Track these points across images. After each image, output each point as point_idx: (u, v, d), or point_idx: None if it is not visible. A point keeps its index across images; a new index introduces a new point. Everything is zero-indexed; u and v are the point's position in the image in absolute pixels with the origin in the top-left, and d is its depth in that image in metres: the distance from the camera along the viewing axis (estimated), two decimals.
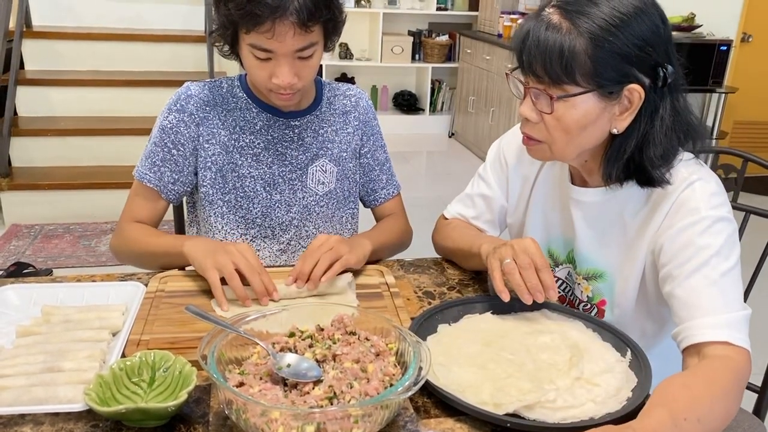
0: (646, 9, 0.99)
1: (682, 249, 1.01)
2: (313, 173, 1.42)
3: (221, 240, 1.41)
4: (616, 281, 1.16)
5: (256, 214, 1.40)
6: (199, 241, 1.26)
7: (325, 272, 1.17)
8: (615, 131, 1.04)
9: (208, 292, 1.17)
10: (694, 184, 1.04)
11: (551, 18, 0.99)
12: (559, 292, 1.27)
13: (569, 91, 1.00)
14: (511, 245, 1.08)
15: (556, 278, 1.26)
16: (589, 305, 1.22)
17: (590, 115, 1.01)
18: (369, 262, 1.31)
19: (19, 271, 2.95)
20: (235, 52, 1.28)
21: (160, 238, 1.33)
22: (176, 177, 1.37)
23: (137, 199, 1.39)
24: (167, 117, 1.36)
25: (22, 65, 3.95)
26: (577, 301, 1.24)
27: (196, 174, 1.40)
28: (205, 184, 1.38)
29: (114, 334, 1.04)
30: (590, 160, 1.12)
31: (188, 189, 1.42)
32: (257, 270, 1.15)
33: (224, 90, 1.39)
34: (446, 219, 1.42)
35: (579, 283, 1.23)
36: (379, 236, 1.42)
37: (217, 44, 1.29)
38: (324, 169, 1.43)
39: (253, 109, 1.38)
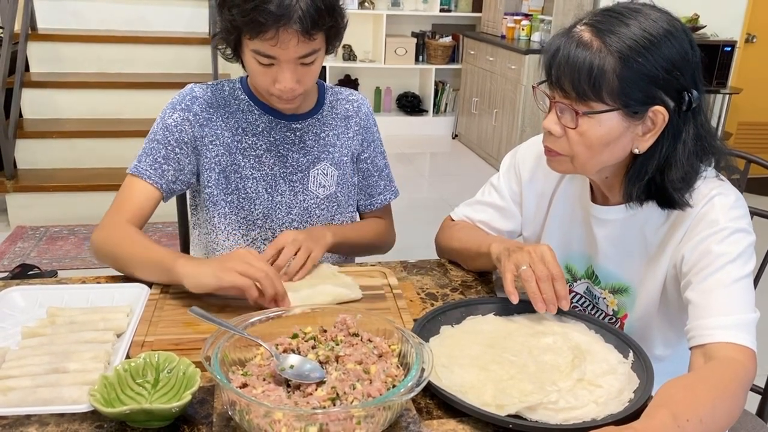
0: (677, 33, 1.00)
1: (700, 257, 1.02)
2: (314, 176, 1.42)
3: (223, 242, 1.42)
4: (638, 294, 1.17)
5: (258, 215, 1.41)
6: (190, 260, 1.16)
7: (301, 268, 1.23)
8: (637, 151, 1.05)
9: (211, 294, 1.17)
10: (713, 199, 1.05)
11: (582, 35, 1.00)
12: (578, 308, 1.27)
13: (595, 108, 1.00)
14: (528, 251, 1.09)
15: (573, 293, 1.27)
16: (614, 318, 1.22)
17: (613, 133, 1.02)
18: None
19: (24, 273, 2.96)
20: (237, 56, 1.29)
21: (151, 250, 1.21)
22: (177, 176, 1.36)
23: (132, 197, 1.31)
24: (171, 115, 1.35)
25: (27, 68, 3.97)
26: (602, 314, 1.24)
27: (195, 175, 1.40)
28: (210, 185, 1.39)
29: (118, 336, 1.05)
30: (611, 177, 1.13)
31: (184, 188, 1.41)
32: (273, 277, 1.10)
33: (226, 92, 1.40)
34: (452, 221, 1.42)
35: (604, 297, 1.23)
36: (347, 232, 1.43)
37: (219, 47, 1.30)
38: (325, 172, 1.43)
39: (255, 111, 1.39)
